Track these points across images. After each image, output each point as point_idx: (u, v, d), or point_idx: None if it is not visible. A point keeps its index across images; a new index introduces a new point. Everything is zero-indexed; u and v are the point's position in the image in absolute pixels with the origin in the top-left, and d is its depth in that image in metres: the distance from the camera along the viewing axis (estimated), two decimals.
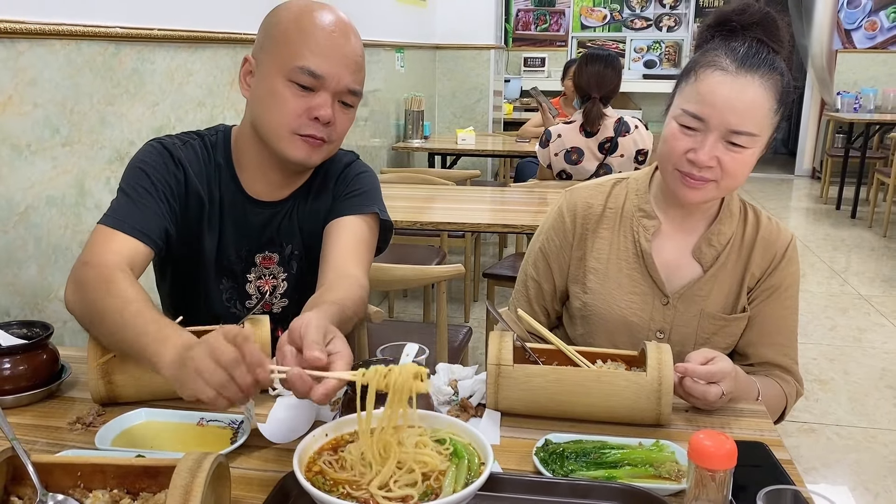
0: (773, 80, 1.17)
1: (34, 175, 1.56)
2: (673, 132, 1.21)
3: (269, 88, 1.23)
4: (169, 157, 1.28)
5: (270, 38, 1.24)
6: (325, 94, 1.22)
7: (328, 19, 1.23)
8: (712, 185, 1.20)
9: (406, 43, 4.64)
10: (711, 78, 1.17)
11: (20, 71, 1.51)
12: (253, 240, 1.35)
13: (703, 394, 1.06)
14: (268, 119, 1.24)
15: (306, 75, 1.20)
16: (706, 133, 1.17)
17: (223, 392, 0.85)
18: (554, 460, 0.95)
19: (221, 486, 0.83)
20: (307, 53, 1.20)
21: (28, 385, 1.12)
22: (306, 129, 1.23)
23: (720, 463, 0.84)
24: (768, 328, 1.30)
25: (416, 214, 2.67)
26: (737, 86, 1.16)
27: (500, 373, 1.07)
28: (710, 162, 1.17)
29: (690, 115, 1.18)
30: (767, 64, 1.17)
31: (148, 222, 1.21)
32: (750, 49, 1.18)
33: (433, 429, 0.89)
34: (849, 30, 7.92)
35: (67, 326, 1.67)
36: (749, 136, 1.16)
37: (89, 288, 1.09)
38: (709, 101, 1.16)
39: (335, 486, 0.80)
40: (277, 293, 1.39)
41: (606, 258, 1.33)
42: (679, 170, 1.20)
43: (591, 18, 8.63)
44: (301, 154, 1.25)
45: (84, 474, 0.83)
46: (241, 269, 1.36)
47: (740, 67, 1.16)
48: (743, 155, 1.18)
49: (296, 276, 1.39)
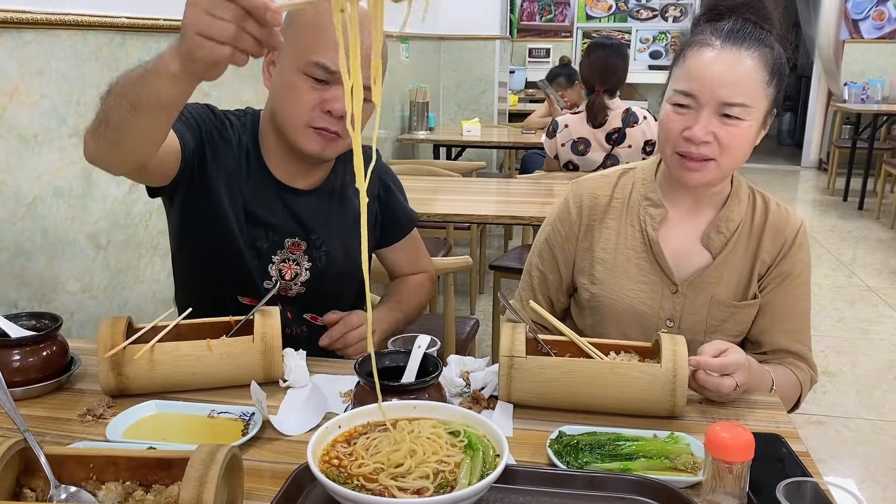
0: (761, 52, 1.18)
1: (41, 166, 1.56)
2: (667, 114, 1.22)
3: (285, 80, 1.25)
4: (213, 115, 1.33)
5: (290, 31, 1.25)
6: (339, 87, 1.23)
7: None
8: (712, 164, 1.20)
9: (410, 34, 4.62)
10: (699, 55, 1.19)
11: (26, 61, 1.50)
12: (281, 223, 1.36)
13: (717, 386, 1.05)
14: (284, 110, 1.27)
15: (321, 69, 1.22)
16: (699, 109, 1.18)
17: (239, 44, 0.80)
18: (568, 452, 0.94)
19: (235, 479, 0.82)
20: (322, 48, 1.21)
21: (38, 377, 1.11)
22: (320, 121, 1.25)
23: (738, 455, 0.84)
24: (781, 315, 1.29)
25: (423, 206, 2.66)
26: (724, 58, 1.17)
27: (512, 364, 1.06)
28: (706, 137, 1.17)
29: (681, 94, 1.19)
30: (754, 37, 1.19)
31: (182, 130, 1.23)
32: (735, 25, 1.20)
33: (447, 421, 0.89)
34: (856, 20, 7.86)
35: (75, 318, 1.67)
36: (742, 107, 1.17)
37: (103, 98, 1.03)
38: (698, 77, 1.18)
39: (349, 479, 0.79)
40: (299, 280, 1.39)
41: (614, 248, 1.32)
42: (678, 152, 1.21)
43: (597, 9, 8.59)
44: (315, 147, 1.27)
45: (96, 466, 0.82)
46: (268, 248, 1.36)
47: (726, 42, 1.18)
48: (739, 128, 1.18)
49: (321, 269, 1.40)
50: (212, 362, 1.12)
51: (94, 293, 1.74)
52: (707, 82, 1.17)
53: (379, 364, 1.04)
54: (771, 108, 1.22)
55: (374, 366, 0.84)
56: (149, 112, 0.96)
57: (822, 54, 7.67)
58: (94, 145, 1.06)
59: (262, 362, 1.14)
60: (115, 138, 1.01)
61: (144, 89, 0.93)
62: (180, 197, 1.31)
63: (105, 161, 1.10)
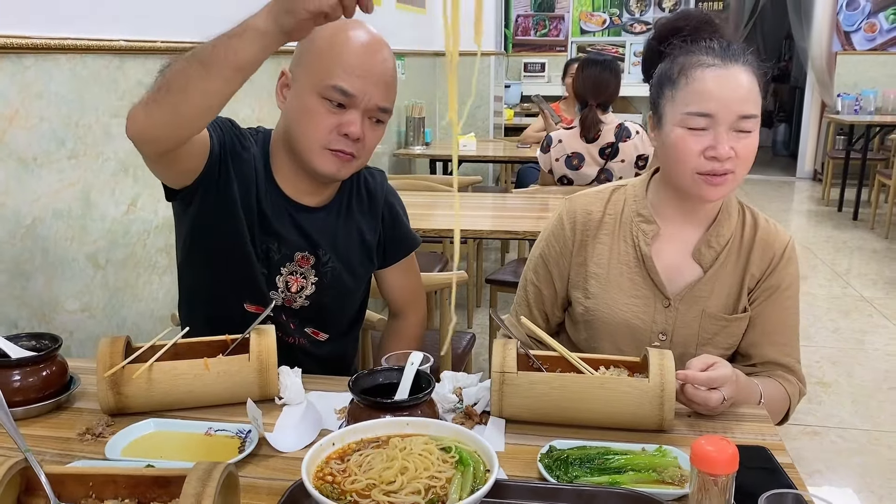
0: (752, 64, 1.23)
1: (40, 188, 1.58)
2: (682, 138, 1.22)
3: (302, 103, 1.29)
4: (236, 128, 1.37)
5: (306, 55, 1.30)
6: (356, 111, 1.28)
7: (361, 39, 1.29)
8: (731, 176, 1.22)
9: (406, 50, 4.66)
10: (705, 75, 1.21)
11: (26, 85, 1.53)
12: (291, 238, 1.39)
13: (705, 400, 1.07)
14: (300, 133, 1.31)
15: (338, 93, 1.26)
16: (716, 128, 1.20)
17: None
18: (558, 466, 0.96)
19: (232, 496, 0.84)
20: (339, 72, 1.26)
21: (38, 397, 1.13)
22: (336, 144, 1.29)
23: (722, 468, 0.85)
24: (770, 328, 1.32)
25: (420, 221, 2.68)
26: (731, 75, 1.21)
27: (504, 380, 1.08)
28: (730, 153, 1.20)
29: (697, 115, 1.21)
30: (741, 51, 1.24)
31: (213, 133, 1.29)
32: (721, 43, 1.24)
33: (439, 437, 0.91)
34: (848, 32, 7.94)
35: (74, 337, 1.68)
36: (754, 118, 1.21)
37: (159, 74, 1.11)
38: (710, 96, 1.20)
39: (343, 495, 0.81)
40: (304, 293, 1.42)
41: (607, 263, 1.35)
42: (700, 172, 1.22)
43: (591, 23, 8.65)
44: (331, 168, 1.32)
45: (96, 484, 0.84)
46: (278, 259, 1.39)
47: (725, 59, 1.22)
48: (751, 139, 1.22)
49: (326, 285, 1.43)
50: (209, 381, 1.14)
51: (94, 312, 1.76)
52: (723, 100, 1.20)
53: (372, 381, 1.07)
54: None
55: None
56: (221, 71, 1.02)
57: (814, 66, 7.73)
58: (144, 115, 1.10)
59: (258, 380, 1.16)
60: (176, 102, 1.06)
61: (222, 48, 1.00)
62: (199, 199, 1.33)
63: (154, 131, 1.12)
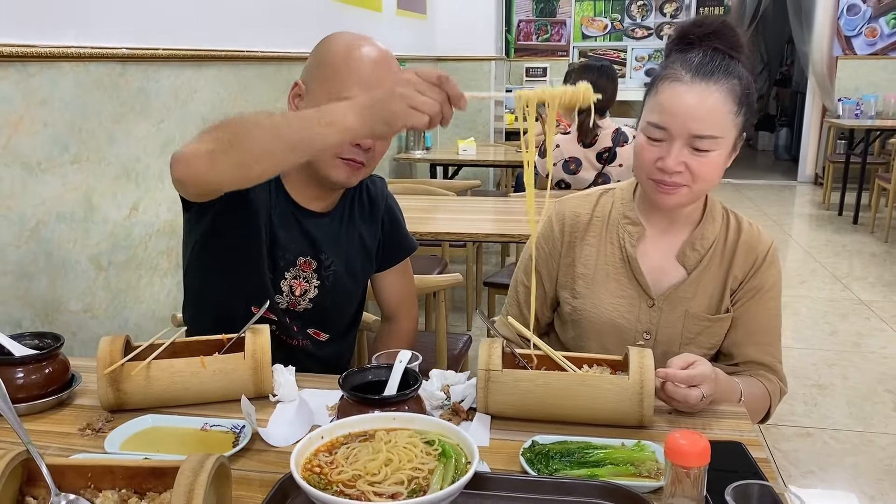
0: (729, 83, 1.24)
1: (44, 192, 1.62)
2: (641, 144, 1.28)
3: None
4: None
5: (321, 68, 1.36)
6: None
7: (374, 55, 1.35)
8: (685, 189, 1.26)
9: (407, 56, 4.71)
10: (670, 89, 1.24)
11: (31, 92, 1.57)
12: (296, 242, 1.44)
13: (685, 397, 1.11)
14: None
15: None
16: (671, 141, 1.24)
17: (435, 117, 1.02)
18: (539, 460, 1.00)
19: (223, 486, 0.88)
20: (354, 86, 1.31)
21: (40, 393, 1.17)
22: (348, 153, 1.35)
23: (694, 460, 0.89)
24: (752, 329, 1.35)
25: (420, 225, 2.72)
26: (693, 93, 1.22)
27: (489, 378, 1.12)
28: (677, 167, 1.23)
29: (654, 126, 1.25)
30: (722, 70, 1.24)
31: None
32: (704, 58, 1.25)
33: (423, 431, 0.94)
34: (849, 36, 7.96)
35: (77, 338, 1.73)
36: (711, 139, 1.23)
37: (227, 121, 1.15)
38: (669, 110, 1.23)
39: (329, 485, 0.85)
40: (307, 296, 1.47)
41: (594, 264, 1.39)
42: (652, 178, 1.27)
43: (592, 28, 8.70)
44: (342, 176, 1.38)
45: (94, 475, 0.88)
46: (283, 265, 1.44)
47: (695, 76, 1.23)
48: (708, 158, 1.24)
49: (328, 288, 1.48)
50: (205, 378, 1.18)
51: (96, 313, 1.80)
52: (678, 116, 1.22)
53: (362, 378, 1.11)
54: (740, 135, 1.28)
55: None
56: (302, 152, 1.10)
57: (815, 70, 7.76)
58: (208, 165, 1.14)
59: (253, 378, 1.19)
60: (247, 162, 1.12)
61: (307, 133, 1.07)
62: (220, 208, 1.36)
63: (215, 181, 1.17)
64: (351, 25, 3.71)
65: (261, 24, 2.66)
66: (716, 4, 8.43)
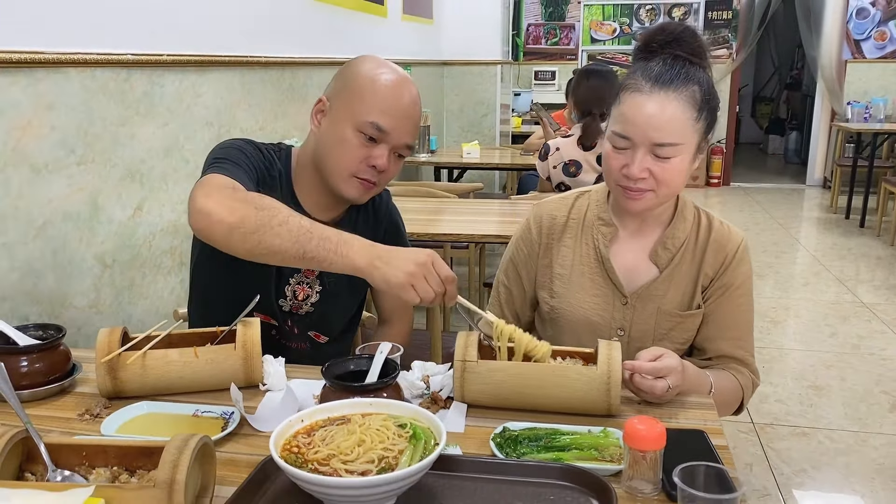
0: (688, 91, 1.29)
1: (51, 192, 1.70)
2: (608, 152, 1.34)
3: (339, 133, 1.41)
4: (259, 152, 1.47)
5: (347, 90, 1.43)
6: (385, 146, 1.42)
7: (398, 82, 1.43)
8: (650, 194, 1.31)
9: (413, 60, 4.78)
10: (630, 99, 1.30)
11: (38, 97, 1.65)
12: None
13: (651, 388, 1.16)
14: (333, 159, 1.43)
15: (373, 129, 1.40)
16: (634, 149, 1.29)
17: (426, 302, 1.16)
18: (508, 444, 1.05)
19: (208, 464, 0.94)
20: (377, 110, 1.39)
21: (43, 381, 1.24)
22: (364, 173, 1.43)
23: (650, 444, 0.95)
24: (723, 324, 1.40)
25: (421, 226, 2.79)
26: (653, 103, 1.28)
27: (465, 368, 1.17)
28: (641, 174, 1.28)
29: (618, 136, 1.31)
30: (681, 77, 1.29)
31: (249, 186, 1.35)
32: (664, 66, 1.30)
33: (397, 415, 1.00)
34: (858, 40, 7.96)
35: (82, 332, 1.80)
36: (672, 146, 1.28)
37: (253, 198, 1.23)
38: (631, 120, 1.29)
39: (305, 463, 0.91)
40: (309, 301, 1.55)
41: (570, 264, 1.44)
42: (619, 185, 1.33)
43: (601, 32, 8.74)
44: (355, 194, 1.46)
45: (89, 454, 0.94)
46: (288, 271, 1.51)
47: (654, 85, 1.28)
48: (671, 164, 1.29)
49: (328, 293, 1.55)
50: (198, 367, 1.24)
51: (101, 308, 1.88)
52: (639, 125, 1.28)
53: (344, 368, 1.17)
54: (703, 139, 1.33)
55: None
56: (309, 264, 1.21)
57: (824, 74, 7.76)
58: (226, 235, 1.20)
59: (244, 368, 1.26)
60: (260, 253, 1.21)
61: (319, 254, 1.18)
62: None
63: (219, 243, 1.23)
64: (356, 31, 3.78)
65: (265, 31, 2.74)
66: (724, 8, 8.45)
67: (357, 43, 3.79)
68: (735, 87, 8.65)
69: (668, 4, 8.49)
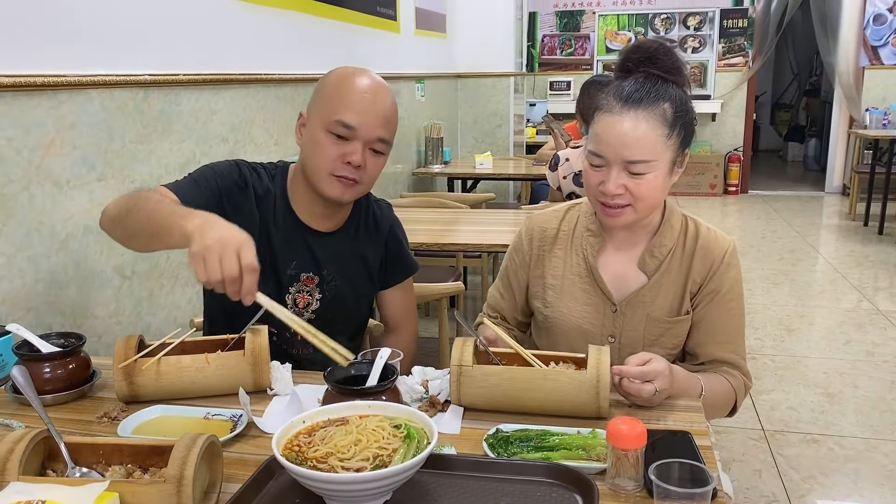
0: (658, 110, 1.33)
1: (73, 207, 1.78)
2: (586, 170, 1.40)
3: (313, 138, 1.50)
4: (237, 170, 1.56)
5: (318, 98, 1.53)
6: (358, 142, 1.49)
7: (363, 82, 1.50)
8: (629, 209, 1.37)
9: (426, 73, 4.86)
10: (603, 120, 1.35)
11: (61, 117, 1.73)
12: (301, 259, 1.59)
13: (638, 391, 1.21)
14: (311, 162, 1.52)
15: (342, 127, 1.47)
16: (609, 167, 1.35)
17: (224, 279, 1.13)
18: (500, 445, 1.10)
19: (215, 462, 1.01)
20: (343, 109, 1.47)
21: (64, 386, 1.32)
22: (341, 171, 1.49)
23: (632, 443, 1.00)
24: (714, 329, 1.44)
25: (434, 237, 2.85)
26: (624, 123, 1.32)
27: (461, 372, 1.23)
28: (617, 190, 1.34)
29: (593, 154, 1.37)
30: (651, 96, 1.33)
31: (197, 199, 1.44)
32: (635, 85, 1.35)
33: (393, 417, 1.06)
34: (875, 46, 7.92)
35: (102, 341, 1.88)
36: (644, 162, 1.33)
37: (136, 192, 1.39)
38: (604, 140, 1.34)
39: (304, 461, 0.97)
40: (310, 308, 1.62)
41: (562, 275, 1.49)
42: (599, 201, 1.39)
43: (616, 42, 8.78)
44: (336, 192, 1.51)
45: (105, 453, 1.01)
46: (287, 280, 1.59)
47: (625, 105, 1.33)
48: (645, 180, 1.34)
49: (329, 300, 1.62)
50: (209, 373, 1.31)
51: (120, 318, 1.96)
52: (612, 145, 1.33)
53: (346, 373, 1.23)
54: (678, 153, 1.37)
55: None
56: (157, 238, 1.28)
57: (842, 81, 7.74)
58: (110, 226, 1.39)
59: (252, 373, 1.32)
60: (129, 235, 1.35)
61: (163, 231, 1.23)
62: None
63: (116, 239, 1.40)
64: (369, 47, 3.87)
65: (280, 48, 2.83)
66: (740, 16, 8.46)
67: (370, 58, 3.88)
68: (752, 95, 8.64)
69: (684, 13, 8.51)
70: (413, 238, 2.84)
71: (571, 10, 8.89)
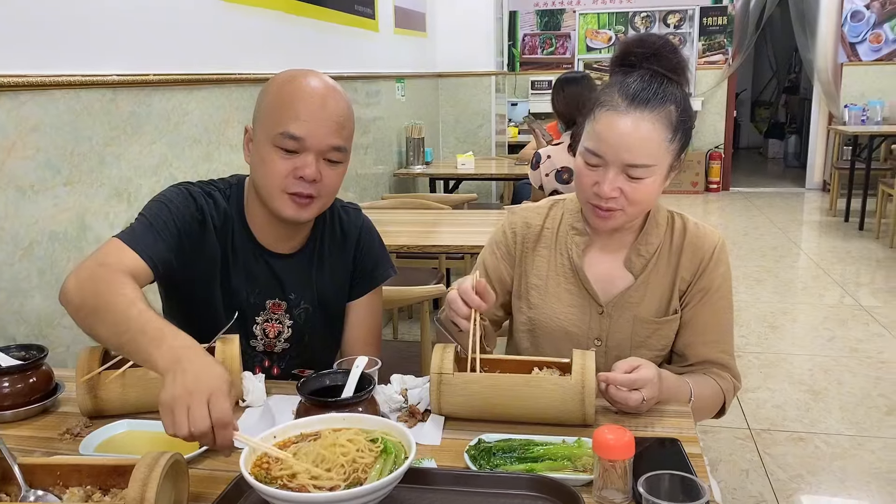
0: (664, 112, 1.26)
1: (37, 213, 1.71)
2: (580, 168, 1.33)
3: (260, 154, 1.36)
4: (192, 201, 1.40)
5: (260, 109, 1.38)
6: (309, 154, 1.34)
7: (308, 86, 1.35)
8: (620, 213, 1.31)
9: (407, 73, 4.80)
10: (605, 117, 1.28)
11: (22, 119, 1.66)
12: (263, 286, 1.47)
13: (625, 399, 1.16)
14: (261, 181, 1.38)
15: (288, 139, 1.32)
16: (606, 168, 1.28)
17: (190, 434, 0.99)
18: (482, 456, 1.06)
19: (180, 481, 0.95)
20: (287, 120, 1.32)
21: (25, 401, 1.25)
22: (293, 187, 1.35)
23: (620, 453, 0.95)
24: (703, 328, 1.40)
25: (416, 238, 2.80)
26: (628, 123, 1.25)
27: (441, 381, 1.18)
28: (612, 193, 1.28)
29: (591, 153, 1.29)
30: (658, 97, 1.26)
31: (158, 249, 1.31)
32: (641, 83, 1.27)
33: (369, 430, 1.01)
34: (853, 43, 7.97)
35: (70, 351, 1.81)
36: (644, 167, 1.27)
37: (101, 281, 1.18)
38: (604, 139, 1.27)
39: (274, 480, 0.91)
40: (282, 337, 1.50)
41: (546, 275, 1.44)
42: (590, 202, 1.32)
43: (597, 40, 8.78)
44: (290, 211, 1.37)
45: (63, 473, 0.95)
46: (252, 311, 1.47)
47: (630, 105, 1.26)
48: (643, 184, 1.28)
49: (301, 326, 1.50)
50: None
51: None
52: (612, 145, 1.26)
53: (320, 383, 1.18)
54: (676, 159, 1.31)
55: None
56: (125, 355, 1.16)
57: (820, 78, 7.78)
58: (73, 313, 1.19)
59: None
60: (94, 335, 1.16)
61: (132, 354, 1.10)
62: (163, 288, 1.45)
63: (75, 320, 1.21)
64: (346, 46, 3.80)
65: (254, 48, 2.76)
66: (719, 14, 8.48)
67: (348, 58, 3.82)
68: (732, 93, 8.67)
69: (664, 11, 8.52)
70: (395, 240, 2.80)
71: (552, 8, 8.88)
